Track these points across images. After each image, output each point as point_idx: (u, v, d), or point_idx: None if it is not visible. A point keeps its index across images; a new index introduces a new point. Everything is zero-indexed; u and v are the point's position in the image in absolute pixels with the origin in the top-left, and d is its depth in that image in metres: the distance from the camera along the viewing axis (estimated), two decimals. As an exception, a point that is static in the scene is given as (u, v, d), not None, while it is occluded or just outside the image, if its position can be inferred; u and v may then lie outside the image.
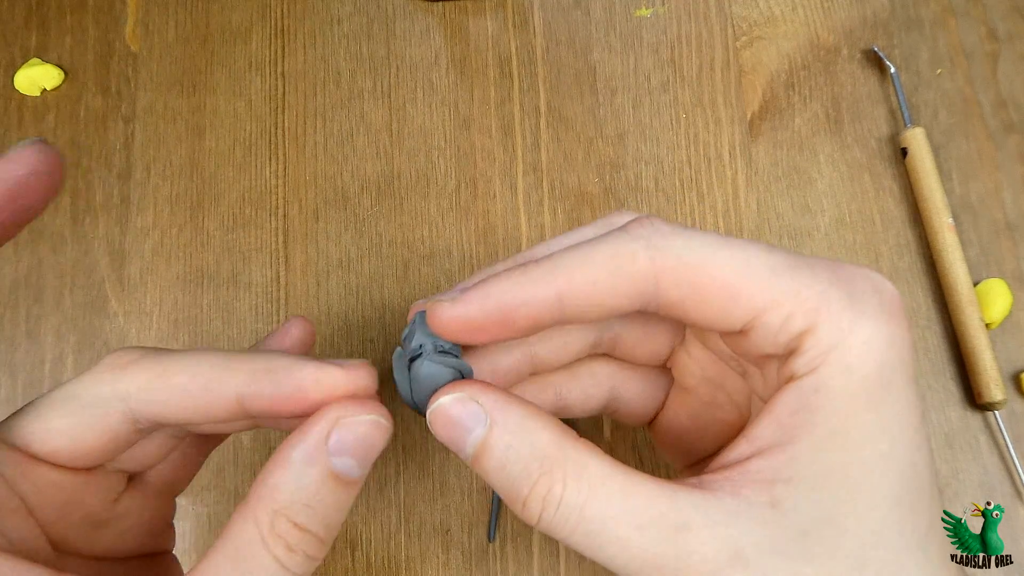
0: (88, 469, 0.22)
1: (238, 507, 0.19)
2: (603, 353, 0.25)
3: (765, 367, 0.21)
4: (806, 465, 0.18)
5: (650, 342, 0.25)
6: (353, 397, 0.20)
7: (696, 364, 0.25)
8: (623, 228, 0.20)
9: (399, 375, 0.22)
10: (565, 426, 0.20)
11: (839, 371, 0.18)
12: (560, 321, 0.20)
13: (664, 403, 0.26)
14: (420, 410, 0.21)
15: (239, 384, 0.20)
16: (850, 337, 0.18)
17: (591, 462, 0.19)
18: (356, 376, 0.20)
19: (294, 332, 0.26)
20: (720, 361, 0.24)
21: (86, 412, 0.20)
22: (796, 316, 0.19)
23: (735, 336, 0.20)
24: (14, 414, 0.21)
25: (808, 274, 0.19)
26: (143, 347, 0.22)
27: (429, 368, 0.21)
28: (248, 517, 0.19)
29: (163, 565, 0.25)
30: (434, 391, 0.21)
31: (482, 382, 0.21)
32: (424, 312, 0.21)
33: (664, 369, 0.26)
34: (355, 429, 0.20)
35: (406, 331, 0.22)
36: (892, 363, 0.19)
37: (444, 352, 0.21)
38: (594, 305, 0.20)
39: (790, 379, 0.19)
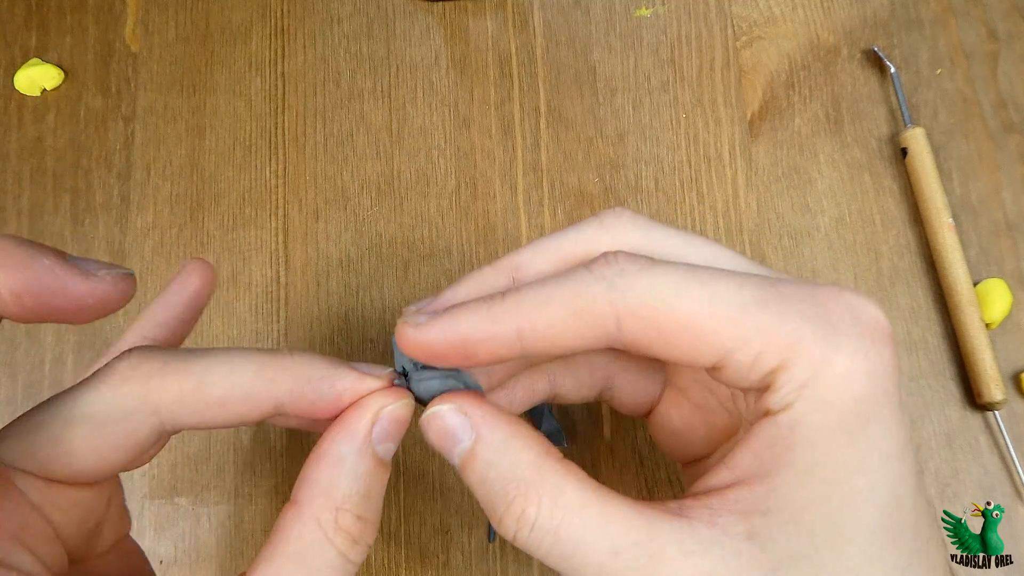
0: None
1: (288, 511, 0.20)
2: None
3: (746, 394, 0.21)
4: (784, 498, 0.18)
5: (643, 401, 0.25)
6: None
7: (688, 369, 0.25)
8: (587, 267, 0.20)
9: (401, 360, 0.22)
10: (550, 447, 0.20)
11: (814, 407, 0.18)
12: (521, 356, 0.20)
13: (660, 396, 0.26)
14: (421, 401, 0.22)
15: (280, 393, 0.20)
16: (825, 371, 0.18)
17: (569, 487, 0.19)
18: (395, 393, 0.22)
19: (193, 282, 0.26)
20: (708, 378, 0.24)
21: (112, 430, 0.19)
22: (767, 354, 0.18)
23: (709, 369, 0.20)
24: (21, 434, 0.19)
25: (779, 309, 0.18)
26: (158, 348, 0.21)
27: (434, 384, 0.22)
28: (306, 518, 0.19)
29: (128, 548, 0.25)
30: (435, 395, 0.22)
31: (476, 395, 0.21)
32: None
33: (661, 364, 0.26)
34: (392, 416, 0.21)
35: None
36: (872, 394, 0.18)
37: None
38: (554, 345, 0.20)
39: (766, 413, 0.19)
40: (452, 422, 0.20)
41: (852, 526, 0.18)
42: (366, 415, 0.21)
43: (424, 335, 0.20)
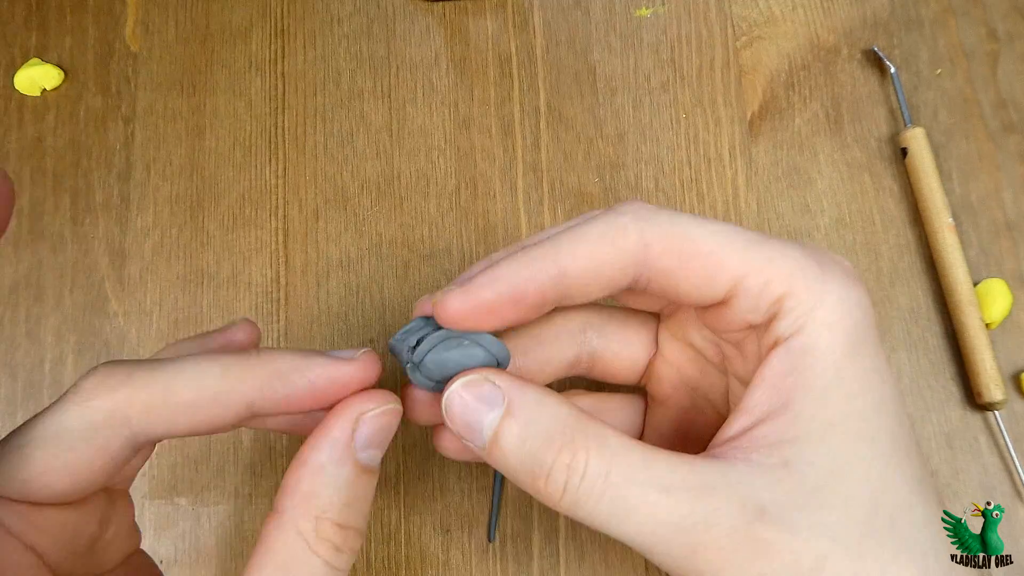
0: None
1: (271, 520, 0.19)
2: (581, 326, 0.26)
3: (744, 345, 0.22)
4: (808, 423, 0.19)
5: (627, 352, 0.25)
6: (365, 389, 0.21)
7: (672, 368, 0.25)
8: (610, 208, 0.21)
9: (406, 360, 0.22)
10: (579, 406, 0.21)
11: (823, 329, 0.20)
12: (563, 299, 0.21)
13: (644, 427, 0.26)
14: (438, 388, 0.22)
15: (249, 391, 0.20)
16: (827, 297, 0.20)
17: (610, 434, 0.20)
18: (366, 368, 0.21)
19: (239, 336, 0.25)
20: (697, 359, 0.25)
21: (84, 446, 0.19)
22: (774, 281, 0.20)
23: (717, 310, 0.21)
24: None
25: (779, 246, 0.21)
26: (123, 360, 0.20)
27: (453, 356, 0.21)
28: (287, 528, 0.19)
29: (138, 562, 0.25)
30: (449, 370, 0.21)
31: (495, 368, 0.21)
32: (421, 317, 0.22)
33: (638, 397, 0.26)
34: (375, 421, 0.21)
35: (408, 327, 0.22)
36: (864, 321, 0.20)
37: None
38: (593, 277, 0.21)
39: (775, 344, 0.20)
40: (476, 392, 0.20)
41: (875, 439, 0.20)
42: (346, 421, 0.20)
43: (475, 293, 0.20)
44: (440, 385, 0.22)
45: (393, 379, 0.34)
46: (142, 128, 0.39)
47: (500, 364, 0.22)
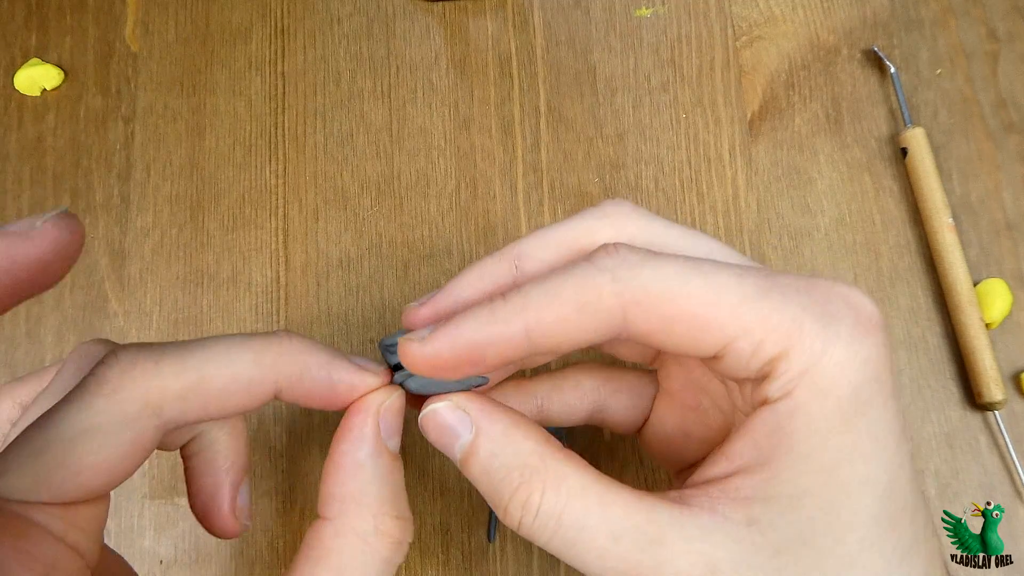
0: None
1: (322, 528, 0.20)
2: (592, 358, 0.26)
3: (742, 386, 0.21)
4: (783, 486, 0.18)
5: (632, 414, 0.26)
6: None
7: (681, 368, 0.25)
8: (589, 259, 0.19)
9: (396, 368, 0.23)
10: (549, 436, 0.21)
11: (813, 395, 0.18)
12: (529, 354, 0.20)
13: (650, 413, 0.26)
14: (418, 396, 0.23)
15: (279, 379, 0.20)
16: (823, 360, 0.18)
17: (571, 473, 0.19)
18: (382, 383, 0.22)
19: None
20: (704, 364, 0.24)
21: (117, 440, 0.18)
22: (767, 343, 0.18)
23: (708, 360, 0.20)
24: (23, 465, 0.18)
25: (779, 299, 0.19)
26: (143, 345, 0.19)
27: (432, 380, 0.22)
28: (346, 533, 0.20)
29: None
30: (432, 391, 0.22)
31: (471, 393, 0.22)
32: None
33: (650, 380, 0.26)
34: (392, 409, 0.22)
35: (397, 334, 0.22)
36: (868, 383, 0.18)
37: None
38: (562, 340, 0.20)
39: (764, 402, 0.19)
40: (450, 418, 0.21)
41: (851, 512, 0.18)
42: (369, 416, 0.21)
43: (432, 348, 0.20)
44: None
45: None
46: (142, 128, 0.39)
47: (477, 384, 0.22)
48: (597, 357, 0.33)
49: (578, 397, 0.26)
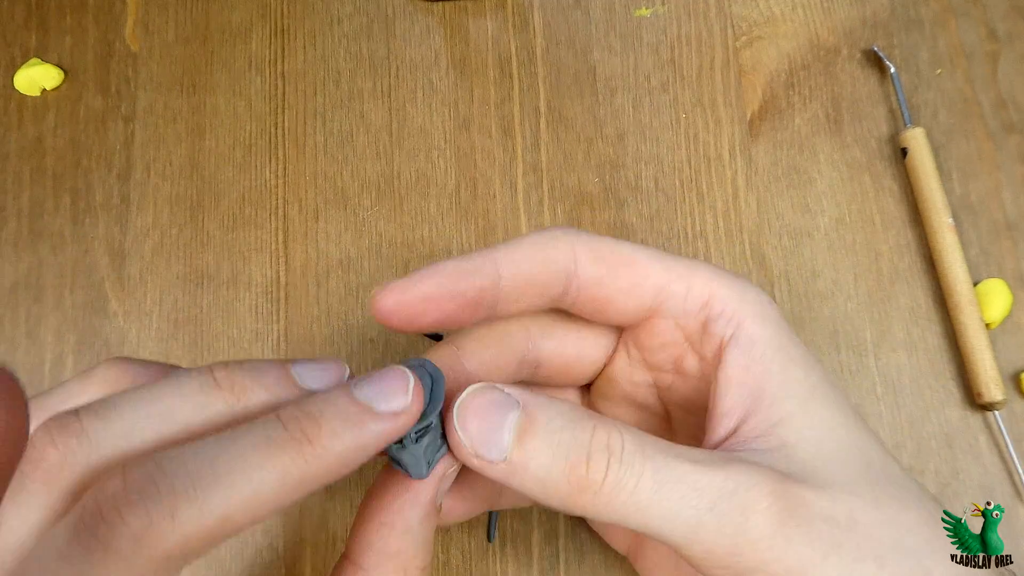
0: None
1: (349, 570, 0.20)
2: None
3: (683, 363, 0.24)
4: (785, 403, 0.21)
5: (573, 350, 0.26)
6: None
7: (649, 333, 0.25)
8: (543, 228, 0.24)
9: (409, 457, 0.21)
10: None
11: (757, 322, 0.22)
12: (499, 303, 0.22)
13: (603, 368, 0.26)
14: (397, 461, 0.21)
15: (306, 492, 0.18)
16: (746, 295, 0.22)
17: (620, 421, 0.20)
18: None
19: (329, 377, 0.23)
20: (634, 385, 0.26)
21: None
22: (696, 286, 0.22)
23: (651, 325, 0.23)
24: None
25: (691, 260, 0.23)
26: (153, 477, 0.16)
27: (426, 440, 0.21)
28: None
29: None
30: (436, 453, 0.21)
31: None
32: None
33: (603, 332, 0.26)
34: (452, 478, 0.22)
35: (420, 426, 0.20)
36: (779, 311, 0.23)
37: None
38: (527, 281, 0.22)
39: (720, 346, 0.22)
40: (489, 398, 0.20)
41: (837, 403, 0.22)
42: (434, 486, 0.21)
43: (415, 282, 0.21)
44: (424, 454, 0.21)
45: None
46: (142, 128, 0.39)
47: (435, 382, 0.21)
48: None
49: (501, 345, 0.24)
